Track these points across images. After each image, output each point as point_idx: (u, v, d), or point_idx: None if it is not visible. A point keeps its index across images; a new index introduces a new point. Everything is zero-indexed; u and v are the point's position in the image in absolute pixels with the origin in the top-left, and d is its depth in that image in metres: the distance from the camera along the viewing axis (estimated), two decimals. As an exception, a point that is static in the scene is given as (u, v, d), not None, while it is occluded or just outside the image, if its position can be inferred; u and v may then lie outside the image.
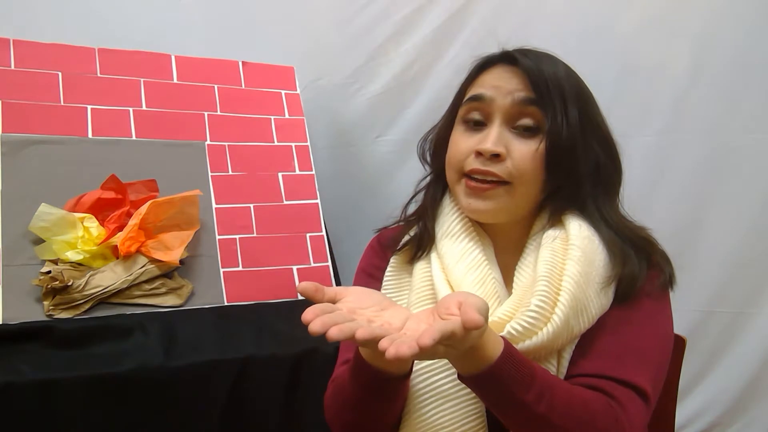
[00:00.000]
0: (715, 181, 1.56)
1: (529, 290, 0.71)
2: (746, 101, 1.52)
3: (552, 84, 0.74)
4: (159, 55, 1.38)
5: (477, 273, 0.75)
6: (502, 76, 0.76)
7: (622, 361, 0.70)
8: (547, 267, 0.71)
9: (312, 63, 1.63)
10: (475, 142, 0.75)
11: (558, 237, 0.74)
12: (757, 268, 1.56)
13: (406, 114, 1.68)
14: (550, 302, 0.68)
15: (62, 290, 1.07)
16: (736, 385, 1.59)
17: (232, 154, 1.36)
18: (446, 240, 0.79)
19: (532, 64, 0.74)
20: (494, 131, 0.74)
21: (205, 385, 1.04)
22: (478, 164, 0.74)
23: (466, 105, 0.78)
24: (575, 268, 0.70)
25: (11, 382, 0.92)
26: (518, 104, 0.74)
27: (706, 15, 1.52)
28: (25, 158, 1.18)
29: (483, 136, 0.75)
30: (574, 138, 0.73)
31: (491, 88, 0.76)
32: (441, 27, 1.63)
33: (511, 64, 0.76)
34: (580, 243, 0.72)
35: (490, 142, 0.73)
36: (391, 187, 1.70)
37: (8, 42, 1.26)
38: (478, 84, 0.79)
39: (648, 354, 0.72)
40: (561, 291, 0.69)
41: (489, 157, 0.73)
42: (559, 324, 0.67)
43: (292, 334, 1.14)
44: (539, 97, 0.73)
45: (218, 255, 1.26)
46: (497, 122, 0.75)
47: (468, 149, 0.76)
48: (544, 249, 0.73)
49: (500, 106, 0.75)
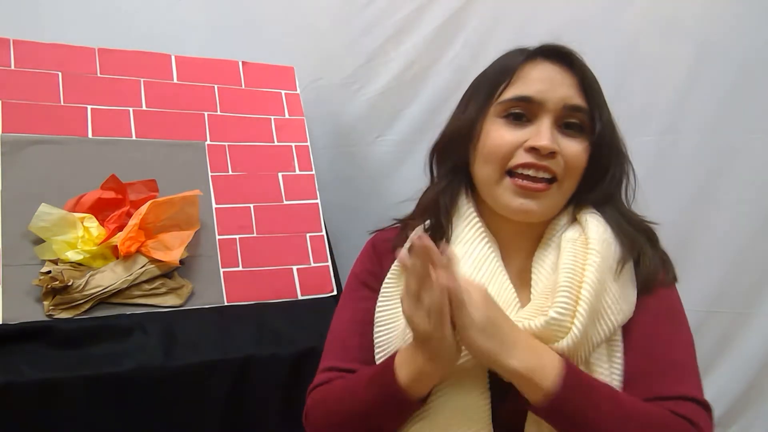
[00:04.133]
0: (715, 181, 1.56)
1: (549, 297, 0.70)
2: (746, 101, 1.52)
3: (596, 88, 0.74)
4: (159, 55, 1.38)
5: (483, 271, 0.75)
6: (551, 75, 0.74)
7: (671, 376, 0.70)
8: (568, 276, 0.70)
9: (312, 63, 1.63)
10: (522, 136, 0.73)
11: (578, 240, 0.74)
12: (757, 268, 1.56)
13: (406, 114, 1.68)
14: (570, 313, 0.68)
15: (62, 290, 1.07)
16: (736, 386, 1.59)
17: (232, 154, 1.36)
18: (460, 244, 0.77)
19: (582, 65, 0.74)
20: (547, 129, 0.72)
21: (205, 385, 1.04)
22: (531, 158, 0.72)
23: (509, 102, 0.74)
24: (594, 275, 0.69)
25: (11, 382, 0.92)
26: (568, 108, 0.73)
27: (707, 15, 1.52)
28: (25, 158, 1.18)
29: (533, 131, 0.73)
30: (613, 139, 0.75)
31: (541, 90, 0.73)
32: (441, 27, 1.63)
33: (561, 61, 0.74)
34: (599, 248, 0.71)
35: (547, 139, 0.71)
36: (391, 186, 1.70)
37: (8, 42, 1.25)
38: (524, 80, 0.75)
39: (684, 361, 0.72)
40: (580, 301, 0.68)
41: (546, 154, 0.72)
42: (578, 335, 0.67)
43: (292, 334, 1.14)
44: (589, 104, 0.73)
45: (218, 255, 1.26)
46: (547, 121, 0.73)
47: (515, 143, 0.73)
48: (566, 254, 0.72)
49: (550, 109, 0.73)
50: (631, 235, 0.75)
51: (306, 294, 1.29)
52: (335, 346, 0.82)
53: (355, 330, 0.80)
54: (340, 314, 0.85)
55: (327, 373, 0.79)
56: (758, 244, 1.55)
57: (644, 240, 0.76)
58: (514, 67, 0.76)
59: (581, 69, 0.74)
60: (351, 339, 0.80)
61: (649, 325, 0.73)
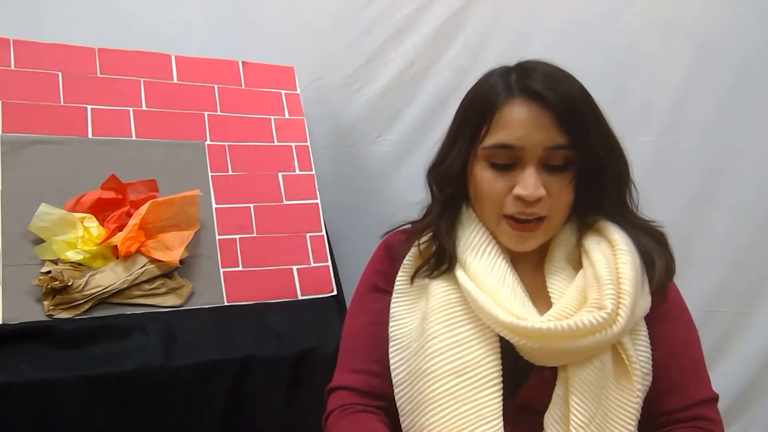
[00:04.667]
0: (715, 181, 1.56)
1: (591, 289, 0.73)
2: (746, 101, 1.52)
3: (577, 115, 0.74)
4: (159, 55, 1.38)
5: (496, 272, 0.77)
6: (528, 118, 0.74)
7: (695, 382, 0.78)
8: (606, 271, 0.73)
9: (312, 63, 1.63)
10: (510, 184, 0.75)
11: (601, 243, 0.78)
12: (757, 268, 1.57)
13: (406, 114, 1.68)
14: (616, 305, 0.71)
15: (62, 290, 1.07)
16: (736, 385, 1.59)
17: (232, 154, 1.36)
18: (465, 250, 0.80)
19: (557, 101, 0.73)
20: (531, 176, 0.74)
21: (205, 385, 1.04)
22: (521, 207, 0.75)
23: (491, 150, 0.76)
24: (631, 272, 0.73)
25: (11, 382, 0.92)
26: (548, 150, 0.74)
27: (707, 15, 1.52)
28: (25, 158, 1.18)
29: (518, 178, 0.75)
30: (599, 160, 0.75)
31: (519, 136, 0.74)
32: (441, 27, 1.63)
33: (534, 98, 0.74)
34: (627, 248, 0.75)
35: (533, 187, 0.73)
36: (391, 186, 1.70)
37: (8, 42, 1.26)
38: (501, 125, 0.75)
39: (701, 361, 0.80)
40: (621, 294, 0.72)
41: (532, 201, 0.74)
42: (622, 326, 0.71)
43: (292, 334, 1.14)
44: (570, 140, 0.73)
45: (218, 255, 1.26)
46: (531, 166, 0.74)
47: (504, 191, 0.76)
48: (596, 254, 0.76)
49: (531, 154, 0.74)
50: (644, 247, 0.78)
51: (306, 294, 1.29)
52: (350, 348, 0.85)
53: (370, 332, 0.83)
54: (354, 316, 0.87)
55: (346, 394, 0.81)
56: (758, 244, 1.55)
57: (655, 246, 0.79)
58: (493, 109, 0.76)
59: (555, 105, 0.73)
60: (366, 340, 0.83)
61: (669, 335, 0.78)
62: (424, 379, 0.75)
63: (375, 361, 0.81)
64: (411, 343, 0.78)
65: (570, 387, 0.72)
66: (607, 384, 0.73)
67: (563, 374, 0.73)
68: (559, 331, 0.69)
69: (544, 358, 0.74)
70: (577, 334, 0.70)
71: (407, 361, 0.78)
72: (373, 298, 0.85)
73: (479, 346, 0.74)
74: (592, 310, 0.71)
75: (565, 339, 0.70)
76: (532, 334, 0.70)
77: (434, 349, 0.75)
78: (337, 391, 0.82)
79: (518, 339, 0.72)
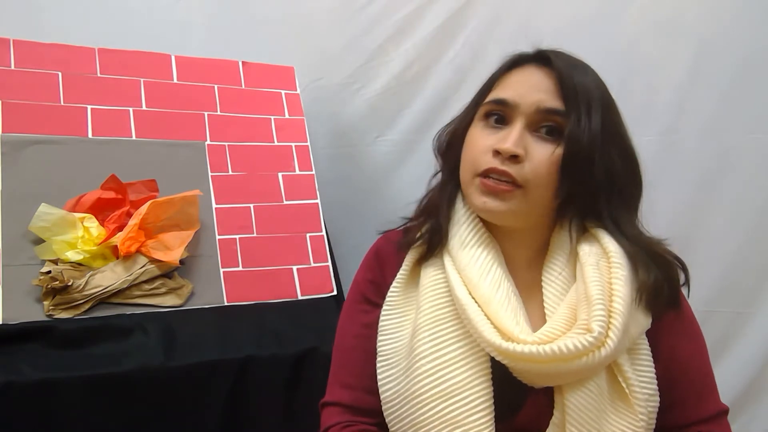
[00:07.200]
0: (715, 181, 1.56)
1: (581, 308, 0.70)
2: (746, 101, 1.52)
3: (580, 90, 0.72)
4: (159, 55, 1.38)
5: (491, 276, 0.74)
6: (531, 78, 0.74)
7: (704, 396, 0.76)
8: (598, 289, 0.69)
9: (312, 63, 1.63)
10: (493, 141, 0.73)
11: (596, 253, 0.73)
12: (757, 268, 1.56)
13: (406, 114, 1.68)
14: (606, 326, 0.68)
15: (62, 290, 1.07)
16: (736, 385, 1.59)
17: (232, 154, 1.36)
18: (459, 246, 0.77)
19: (564, 68, 0.73)
20: (515, 132, 0.72)
21: (205, 385, 1.04)
22: (496, 163, 0.72)
23: (487, 105, 0.76)
24: (624, 289, 0.70)
25: (11, 382, 0.92)
26: (542, 112, 0.73)
27: (707, 15, 1.52)
28: (25, 158, 1.18)
29: (503, 135, 0.73)
30: (594, 145, 0.71)
31: (517, 93, 0.73)
32: (441, 27, 1.63)
33: (544, 65, 0.74)
34: (623, 262, 0.72)
35: (510, 142, 0.71)
36: (391, 186, 1.70)
37: (8, 42, 1.26)
38: (505, 84, 0.76)
39: (710, 373, 0.78)
40: (613, 314, 0.68)
41: (508, 157, 0.71)
42: (612, 348, 0.67)
43: (292, 334, 1.14)
44: (566, 105, 0.72)
45: (218, 255, 1.26)
46: (519, 124, 0.73)
47: (486, 147, 0.74)
48: (588, 267, 0.72)
49: (524, 112, 0.73)
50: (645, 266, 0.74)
51: (306, 294, 1.29)
52: (343, 362, 0.82)
53: (364, 347, 0.80)
54: (343, 328, 0.84)
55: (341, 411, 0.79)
56: (758, 244, 1.55)
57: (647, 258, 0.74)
58: (503, 72, 0.77)
59: (561, 71, 0.73)
60: (361, 355, 0.80)
61: (675, 349, 0.76)
62: (412, 402, 0.72)
63: (369, 377, 0.78)
64: (400, 362, 0.76)
65: (566, 412, 0.69)
66: (605, 408, 0.71)
67: (559, 398, 0.71)
68: (542, 355, 0.66)
69: (535, 379, 0.71)
70: (562, 358, 0.67)
71: (396, 380, 0.75)
72: (363, 310, 0.83)
73: (468, 367, 0.71)
74: (581, 332, 0.68)
75: (551, 362, 0.67)
76: (516, 357, 0.68)
77: (422, 371, 0.72)
78: (332, 407, 0.80)
79: (507, 360, 0.69)
